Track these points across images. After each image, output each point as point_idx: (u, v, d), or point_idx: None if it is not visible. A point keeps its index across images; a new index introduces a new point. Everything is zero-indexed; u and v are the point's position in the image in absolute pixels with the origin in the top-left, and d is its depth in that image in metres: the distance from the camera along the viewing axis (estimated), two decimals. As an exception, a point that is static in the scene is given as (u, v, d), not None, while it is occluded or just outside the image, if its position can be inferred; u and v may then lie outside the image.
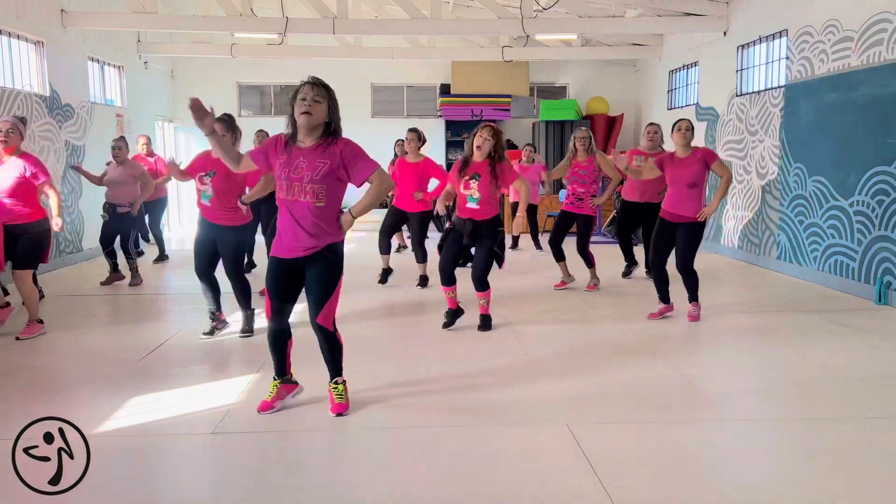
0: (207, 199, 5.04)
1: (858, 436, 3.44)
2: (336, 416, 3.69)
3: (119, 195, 7.40)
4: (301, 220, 3.47)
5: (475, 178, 5.17)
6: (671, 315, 5.81)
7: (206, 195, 5.03)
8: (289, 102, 3.47)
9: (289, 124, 3.48)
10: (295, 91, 3.44)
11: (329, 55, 12.20)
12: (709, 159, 5.53)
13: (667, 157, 5.72)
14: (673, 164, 5.61)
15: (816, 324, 5.70)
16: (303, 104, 3.37)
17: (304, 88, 3.40)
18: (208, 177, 5.01)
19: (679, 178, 5.55)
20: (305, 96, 3.38)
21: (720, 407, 3.89)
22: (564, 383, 4.23)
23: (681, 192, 5.53)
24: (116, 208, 7.41)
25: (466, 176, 5.21)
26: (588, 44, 12.56)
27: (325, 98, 3.41)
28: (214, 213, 5.06)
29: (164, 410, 3.79)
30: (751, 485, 2.95)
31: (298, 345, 3.93)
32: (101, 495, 2.85)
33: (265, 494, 2.89)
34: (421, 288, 7.19)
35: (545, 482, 2.97)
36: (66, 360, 4.84)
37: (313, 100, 3.37)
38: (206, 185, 5.01)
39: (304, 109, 3.36)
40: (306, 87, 3.41)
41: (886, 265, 6.37)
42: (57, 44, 8.93)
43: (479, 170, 5.18)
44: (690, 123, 5.68)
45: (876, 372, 4.45)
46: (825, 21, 7.30)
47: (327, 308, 3.58)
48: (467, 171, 5.23)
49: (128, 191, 7.42)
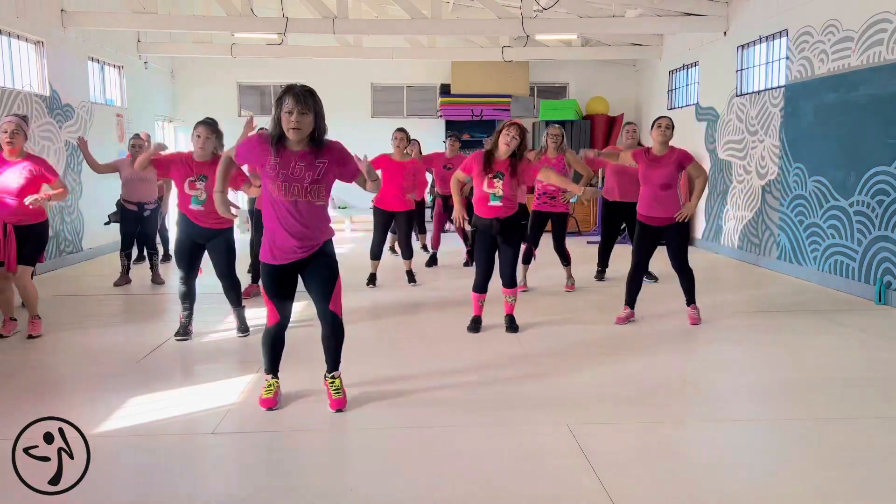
0: (200, 203, 4.93)
1: (858, 436, 3.44)
2: (336, 413, 3.69)
3: (145, 193, 7.43)
4: (302, 220, 3.48)
5: (499, 177, 5.12)
6: (635, 320, 5.70)
7: (199, 200, 4.93)
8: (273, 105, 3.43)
9: (274, 126, 3.41)
10: (279, 97, 3.36)
11: (329, 55, 12.19)
12: (684, 161, 5.40)
13: (643, 151, 5.56)
14: (648, 160, 5.45)
15: (816, 324, 5.70)
16: (290, 120, 3.31)
17: (289, 100, 3.32)
18: (201, 181, 4.93)
19: (651, 178, 5.41)
20: (292, 110, 3.31)
21: (720, 407, 3.89)
22: (564, 383, 4.23)
23: (655, 194, 5.42)
24: (144, 206, 7.42)
25: (491, 174, 5.12)
26: (588, 44, 12.56)
27: (312, 108, 3.35)
28: (206, 217, 4.96)
29: (164, 410, 3.79)
30: (751, 485, 2.95)
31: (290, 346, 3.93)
32: (101, 495, 2.85)
33: (265, 494, 2.89)
34: (412, 284, 7.28)
35: (545, 482, 2.97)
36: (66, 360, 4.84)
37: (300, 113, 3.31)
38: (199, 189, 4.92)
39: (293, 126, 3.32)
40: (290, 98, 3.32)
41: (886, 265, 6.37)
42: (57, 44, 8.93)
43: (502, 168, 5.12)
44: (672, 122, 5.52)
45: (875, 372, 4.45)
46: (825, 21, 7.30)
47: (336, 296, 3.66)
48: (492, 169, 5.13)
49: (153, 187, 7.48)
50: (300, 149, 3.44)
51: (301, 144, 3.44)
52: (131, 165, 7.35)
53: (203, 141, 4.91)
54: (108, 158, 9.85)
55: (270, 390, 3.84)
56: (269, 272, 3.60)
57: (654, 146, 5.50)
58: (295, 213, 3.47)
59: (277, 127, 3.39)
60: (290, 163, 3.42)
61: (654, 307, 5.86)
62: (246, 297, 6.54)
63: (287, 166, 3.42)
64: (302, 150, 3.44)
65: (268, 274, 3.60)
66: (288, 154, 3.43)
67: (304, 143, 3.44)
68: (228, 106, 13.40)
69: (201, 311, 5.62)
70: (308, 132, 3.39)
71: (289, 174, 3.42)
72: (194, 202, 4.95)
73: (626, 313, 5.70)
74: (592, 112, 13.14)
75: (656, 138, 5.45)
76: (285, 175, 3.42)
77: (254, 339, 5.26)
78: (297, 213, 3.47)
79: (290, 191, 3.44)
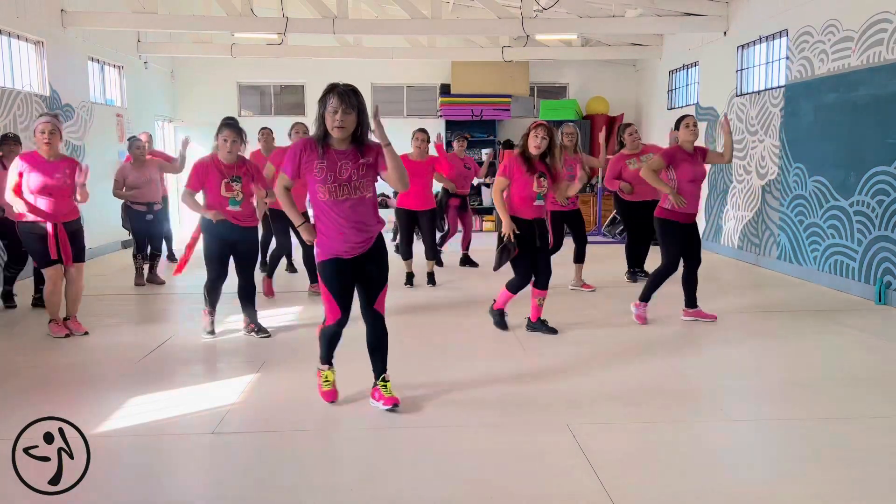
0: (237, 204, 5.03)
1: (858, 436, 3.44)
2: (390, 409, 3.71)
3: (154, 193, 7.49)
4: (359, 216, 3.52)
5: (543, 176, 5.13)
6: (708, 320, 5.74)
7: (236, 201, 5.02)
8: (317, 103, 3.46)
9: (318, 127, 3.46)
10: (323, 95, 3.41)
11: (329, 55, 12.19)
12: (705, 154, 5.62)
13: (676, 151, 5.55)
14: (687, 160, 5.48)
15: (816, 324, 5.70)
16: (335, 118, 3.36)
17: (333, 99, 3.37)
18: (235, 182, 5.00)
19: (700, 175, 5.52)
20: (336, 109, 3.36)
21: (720, 407, 3.89)
22: (564, 383, 4.23)
23: (691, 191, 5.48)
24: (152, 206, 7.47)
25: (535, 174, 5.11)
26: (588, 44, 12.56)
27: (355, 106, 3.40)
28: (242, 216, 5.07)
29: (164, 410, 3.79)
30: (750, 484, 2.95)
31: (290, 347, 3.93)
32: (101, 495, 2.85)
33: (265, 494, 2.89)
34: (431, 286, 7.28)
35: (545, 482, 2.97)
36: (66, 359, 4.83)
37: (344, 112, 3.37)
38: (236, 190, 5.00)
39: (338, 125, 3.37)
40: (335, 97, 3.37)
41: (886, 265, 6.37)
42: (57, 44, 8.93)
43: (541, 168, 5.13)
44: (696, 119, 5.65)
45: (876, 372, 4.45)
46: (825, 21, 7.30)
47: (382, 295, 3.73)
48: (535, 169, 5.11)
49: (158, 187, 7.58)
50: (344, 148, 3.48)
51: (345, 143, 3.48)
52: (134, 168, 7.38)
53: (230, 144, 4.96)
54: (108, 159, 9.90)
55: (329, 383, 3.88)
56: (331, 268, 3.61)
57: (685, 146, 5.55)
58: (347, 210, 3.49)
59: (321, 126, 3.43)
60: (336, 163, 3.46)
61: (654, 307, 5.85)
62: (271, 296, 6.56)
63: (334, 168, 3.46)
64: (346, 150, 3.48)
65: (329, 270, 3.61)
66: (332, 154, 3.47)
67: (348, 143, 3.48)
68: (228, 106, 13.38)
69: (201, 311, 5.62)
70: (351, 130, 3.43)
71: (336, 175, 3.46)
72: (231, 203, 5.02)
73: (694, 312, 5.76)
74: (592, 112, 13.14)
75: (688, 138, 5.52)
76: (334, 176, 3.46)
77: (253, 339, 5.26)
78: (350, 210, 3.50)
79: (339, 191, 3.47)
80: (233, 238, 5.10)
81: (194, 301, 6.47)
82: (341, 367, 3.94)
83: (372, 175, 3.56)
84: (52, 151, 5.15)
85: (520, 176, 5.13)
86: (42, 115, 5.36)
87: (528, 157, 5.12)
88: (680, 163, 5.48)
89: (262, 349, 4.99)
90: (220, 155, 5.01)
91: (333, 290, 3.62)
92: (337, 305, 3.64)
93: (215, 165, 5.01)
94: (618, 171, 7.29)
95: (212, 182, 5.00)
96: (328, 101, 3.38)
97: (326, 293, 3.65)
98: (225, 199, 5.00)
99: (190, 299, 6.62)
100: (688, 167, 5.47)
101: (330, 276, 3.61)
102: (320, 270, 3.64)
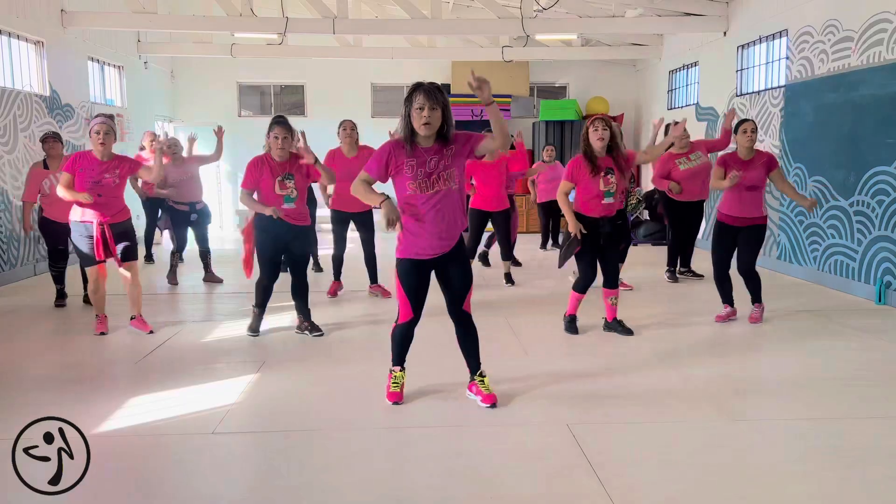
0: (292, 201, 5.02)
1: (859, 436, 3.44)
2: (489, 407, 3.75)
3: (195, 191, 7.37)
4: (443, 211, 3.55)
5: (610, 173, 5.07)
6: (735, 319, 5.73)
7: (291, 198, 5.01)
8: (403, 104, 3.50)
9: (405, 126, 3.50)
10: (409, 94, 3.46)
11: (329, 55, 12.19)
12: (772, 166, 5.46)
13: (729, 158, 5.53)
14: (738, 166, 5.43)
15: (816, 324, 5.70)
16: (422, 115, 3.41)
17: (419, 97, 3.42)
18: (289, 180, 4.99)
19: (752, 181, 5.42)
20: (423, 106, 3.41)
21: (720, 407, 3.88)
22: (564, 383, 4.23)
23: (741, 195, 5.44)
24: (195, 205, 7.37)
25: (602, 172, 5.05)
26: (588, 44, 12.56)
27: (440, 103, 3.44)
28: (297, 214, 5.06)
29: (164, 410, 3.79)
30: (751, 484, 2.95)
31: (296, 346, 3.92)
32: (101, 495, 2.85)
33: (265, 494, 2.89)
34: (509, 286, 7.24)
35: (545, 482, 2.97)
36: (66, 359, 4.83)
37: (430, 109, 3.41)
38: (290, 188, 4.99)
39: (425, 122, 3.42)
40: (421, 95, 3.42)
41: (886, 265, 6.37)
42: (57, 44, 8.93)
43: (608, 164, 5.07)
44: (756, 125, 5.56)
45: (876, 372, 4.45)
46: (825, 21, 7.30)
47: (468, 296, 3.76)
48: (601, 167, 5.05)
49: (199, 184, 7.44)
50: (429, 144, 3.53)
51: (430, 140, 3.53)
52: (174, 165, 7.21)
53: (282, 141, 4.95)
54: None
55: (397, 385, 3.90)
56: (411, 268, 3.64)
57: (740, 151, 5.51)
58: (436, 206, 3.53)
59: (409, 125, 3.48)
60: (424, 160, 3.51)
61: (654, 307, 5.86)
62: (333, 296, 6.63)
63: (423, 164, 3.51)
64: (432, 146, 3.53)
65: (409, 270, 3.65)
66: (420, 151, 3.52)
67: (433, 139, 3.53)
68: (228, 106, 13.40)
69: (201, 312, 5.62)
70: (437, 127, 3.47)
71: (426, 171, 3.51)
72: (287, 201, 5.00)
73: (727, 311, 5.74)
74: (592, 112, 13.13)
75: (744, 144, 5.46)
76: (424, 172, 3.51)
77: (252, 339, 5.26)
78: (438, 203, 3.53)
79: (428, 184, 3.51)
80: (287, 237, 5.09)
81: (193, 301, 6.48)
82: (338, 366, 3.94)
83: (459, 164, 3.59)
84: (105, 151, 5.18)
85: (585, 179, 5.09)
86: (97, 116, 5.38)
87: (592, 157, 5.04)
88: (731, 169, 5.41)
89: (262, 349, 5.00)
90: (272, 153, 5.00)
91: (409, 290, 3.66)
92: (410, 306, 3.68)
93: (266, 164, 5.01)
94: (667, 171, 7.23)
95: (265, 180, 5.00)
96: (414, 99, 3.44)
97: (401, 292, 3.69)
98: (280, 197, 4.99)
99: (190, 299, 6.62)
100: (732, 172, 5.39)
101: (407, 274, 3.65)
102: (398, 267, 3.68)
